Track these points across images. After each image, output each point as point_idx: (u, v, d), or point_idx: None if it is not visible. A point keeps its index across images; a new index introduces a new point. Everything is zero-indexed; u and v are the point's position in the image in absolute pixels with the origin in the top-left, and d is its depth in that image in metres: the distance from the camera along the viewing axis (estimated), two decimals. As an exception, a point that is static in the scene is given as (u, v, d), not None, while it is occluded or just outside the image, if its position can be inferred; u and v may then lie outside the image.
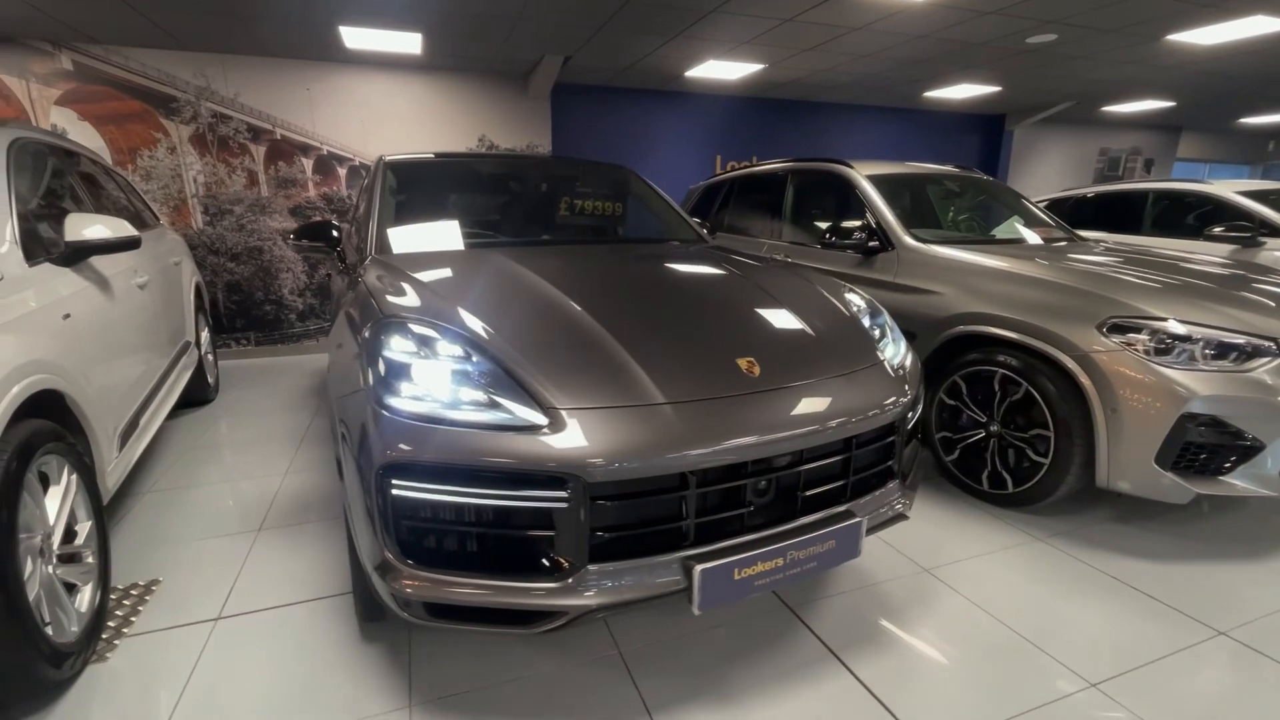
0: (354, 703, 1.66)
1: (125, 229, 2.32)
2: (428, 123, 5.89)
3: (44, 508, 1.69)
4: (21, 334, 1.72)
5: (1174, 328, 2.24)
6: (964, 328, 2.75)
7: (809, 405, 1.61)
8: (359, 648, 1.87)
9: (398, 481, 1.39)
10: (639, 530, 1.46)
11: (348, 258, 2.61)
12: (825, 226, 3.65)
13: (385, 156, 2.98)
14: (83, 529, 1.89)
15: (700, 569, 1.42)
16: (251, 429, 3.79)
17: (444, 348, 1.55)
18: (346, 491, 1.63)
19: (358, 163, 5.73)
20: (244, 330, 5.73)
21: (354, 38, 4.76)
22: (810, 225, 4.02)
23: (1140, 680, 1.73)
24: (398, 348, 1.55)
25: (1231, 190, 4.79)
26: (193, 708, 1.65)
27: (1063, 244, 3.40)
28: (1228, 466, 2.24)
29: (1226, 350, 2.21)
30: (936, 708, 1.64)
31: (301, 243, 2.57)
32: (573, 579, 1.39)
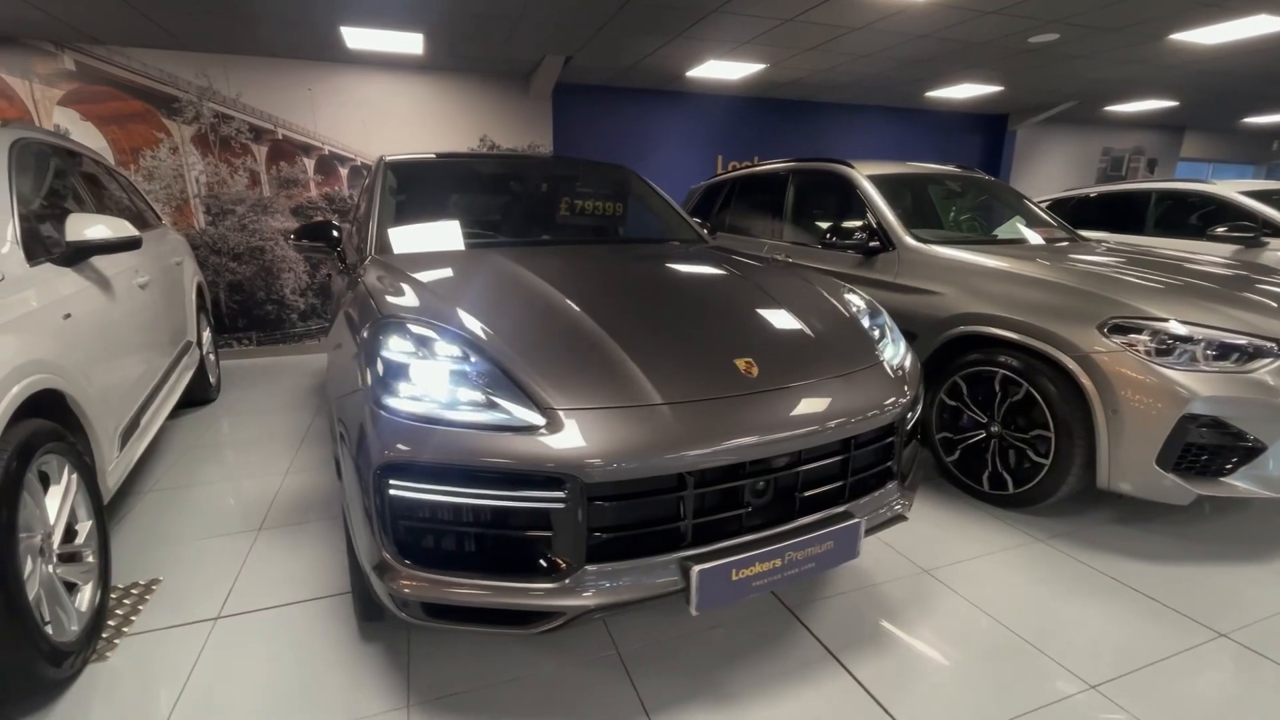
0: (353, 702, 1.66)
1: (126, 229, 2.33)
2: (429, 123, 5.90)
3: (44, 507, 1.70)
4: (22, 334, 1.72)
5: (1175, 328, 2.23)
6: (965, 328, 2.74)
7: (808, 406, 1.61)
8: (358, 647, 1.87)
9: (395, 482, 1.39)
10: (637, 531, 1.46)
11: (348, 258, 2.61)
12: (826, 226, 3.64)
13: (385, 156, 2.99)
14: (83, 528, 1.89)
15: (698, 570, 1.42)
16: (253, 428, 3.80)
17: (442, 348, 1.55)
18: (345, 491, 1.63)
19: (359, 163, 5.74)
20: (246, 330, 5.75)
21: (355, 38, 4.77)
22: (811, 225, 4.01)
23: (1140, 682, 1.72)
24: (396, 348, 1.55)
25: (1234, 190, 4.78)
26: (192, 706, 1.66)
27: (1064, 244, 3.39)
28: (1229, 468, 2.23)
29: (1228, 351, 2.21)
30: (935, 709, 1.64)
31: (302, 243, 2.57)
32: (570, 579, 1.39)
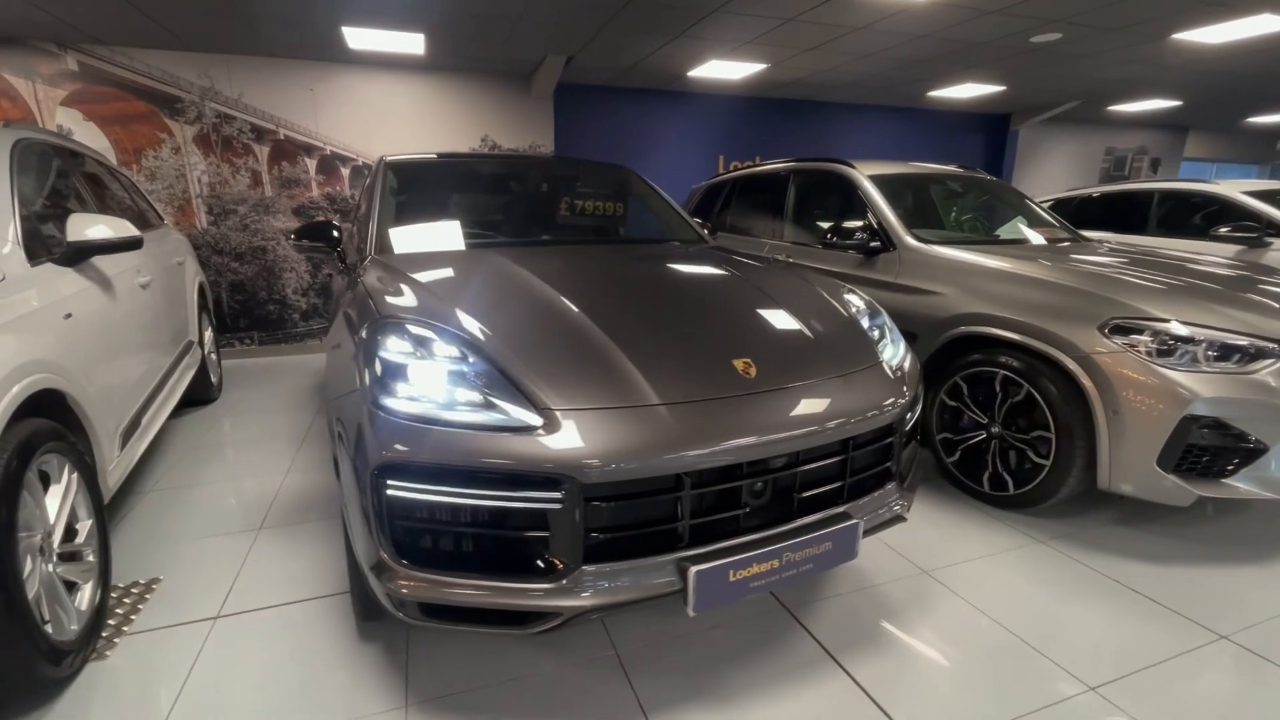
0: (351, 701, 1.66)
1: (127, 229, 2.33)
2: (431, 123, 5.90)
3: (44, 506, 1.70)
4: (22, 333, 1.73)
5: (1176, 329, 2.23)
6: (965, 329, 2.73)
7: (806, 406, 1.61)
8: (357, 647, 1.87)
9: (393, 482, 1.39)
10: (634, 531, 1.46)
11: (348, 258, 2.61)
12: (827, 227, 3.64)
13: (386, 157, 2.99)
14: (83, 527, 1.90)
15: (695, 570, 1.42)
16: (254, 428, 3.80)
17: (440, 348, 1.55)
18: (343, 491, 1.63)
19: (361, 163, 5.75)
20: (247, 330, 5.76)
21: (357, 38, 4.78)
22: (812, 225, 4.01)
23: (1141, 684, 1.72)
24: (394, 348, 1.55)
25: (1238, 190, 4.76)
26: (192, 706, 1.66)
27: (1066, 244, 3.38)
28: (1230, 469, 2.22)
29: (1229, 352, 2.20)
30: (934, 710, 1.63)
31: (302, 243, 2.57)
32: (568, 580, 1.39)
